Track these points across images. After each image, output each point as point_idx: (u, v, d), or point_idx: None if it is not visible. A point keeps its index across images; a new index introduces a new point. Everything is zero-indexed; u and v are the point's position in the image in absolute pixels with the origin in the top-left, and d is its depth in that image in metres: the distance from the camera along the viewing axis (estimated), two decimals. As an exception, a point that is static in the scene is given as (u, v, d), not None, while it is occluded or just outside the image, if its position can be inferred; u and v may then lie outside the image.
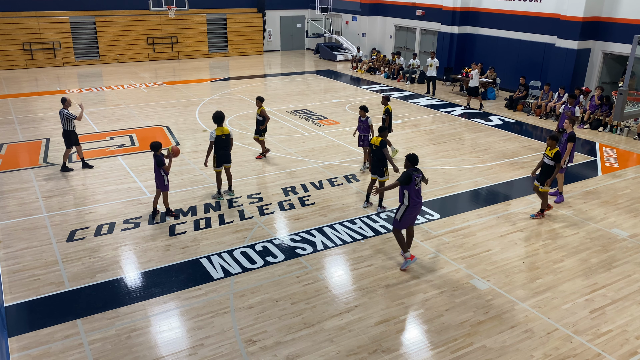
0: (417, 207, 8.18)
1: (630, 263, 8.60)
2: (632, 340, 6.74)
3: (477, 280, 8.04)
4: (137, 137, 14.96)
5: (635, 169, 12.99)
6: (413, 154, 8.12)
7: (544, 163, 9.82)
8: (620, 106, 10.01)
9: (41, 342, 6.59)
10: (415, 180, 8.00)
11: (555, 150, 9.55)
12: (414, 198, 8.02)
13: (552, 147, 9.59)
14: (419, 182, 8.10)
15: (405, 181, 7.90)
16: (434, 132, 15.82)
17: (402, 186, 7.97)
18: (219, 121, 10.45)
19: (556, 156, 9.53)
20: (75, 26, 26.39)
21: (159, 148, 9.71)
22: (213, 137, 10.39)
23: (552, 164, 9.61)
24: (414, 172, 8.01)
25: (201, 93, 20.75)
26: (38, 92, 20.60)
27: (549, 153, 9.62)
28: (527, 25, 20.42)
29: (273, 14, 31.93)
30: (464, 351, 6.49)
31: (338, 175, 12.22)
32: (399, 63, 24.63)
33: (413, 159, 8.07)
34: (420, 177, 8.15)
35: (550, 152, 9.61)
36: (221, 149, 10.49)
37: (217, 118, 10.47)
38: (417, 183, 8.06)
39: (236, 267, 8.34)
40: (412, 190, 7.97)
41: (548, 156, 9.66)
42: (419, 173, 8.14)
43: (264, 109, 12.66)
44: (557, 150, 9.53)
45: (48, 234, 9.32)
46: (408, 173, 7.96)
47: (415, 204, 8.09)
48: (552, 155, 9.58)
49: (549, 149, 9.65)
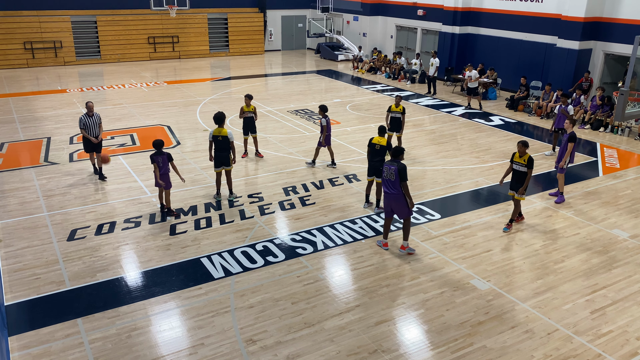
0: (386, 198, 8.62)
1: (631, 264, 8.59)
2: (632, 341, 6.73)
3: (477, 280, 8.04)
4: (137, 136, 14.97)
5: (636, 170, 12.98)
6: (396, 147, 8.67)
7: (515, 170, 9.41)
8: (622, 107, 9.99)
9: (42, 341, 6.60)
10: (384, 170, 8.55)
11: (527, 156, 9.16)
12: (383, 187, 8.65)
13: (522, 154, 9.19)
14: (387, 173, 8.46)
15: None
16: (435, 132, 15.81)
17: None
18: (219, 122, 10.47)
19: (529, 162, 9.13)
20: (77, 25, 26.40)
21: (162, 145, 9.84)
22: (210, 137, 10.51)
23: (524, 170, 9.22)
24: (387, 162, 8.61)
25: (202, 92, 20.75)
26: (39, 91, 20.61)
27: (520, 160, 9.24)
28: (528, 26, 20.41)
29: (274, 13, 31.93)
30: (464, 351, 6.49)
31: (339, 175, 12.22)
32: (400, 63, 24.62)
33: (393, 151, 8.58)
34: (394, 170, 8.29)
35: (521, 158, 9.22)
36: (218, 150, 10.48)
37: (217, 119, 10.49)
38: (386, 174, 8.50)
39: (237, 266, 8.34)
40: (382, 179, 8.67)
41: (520, 163, 9.26)
42: (393, 165, 8.36)
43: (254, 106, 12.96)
44: (529, 156, 9.16)
45: (49, 233, 9.33)
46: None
47: (384, 193, 8.63)
48: (524, 162, 9.18)
49: (518, 155, 9.26)
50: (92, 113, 11.46)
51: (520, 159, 9.24)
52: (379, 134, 10.11)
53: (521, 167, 9.25)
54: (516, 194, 9.45)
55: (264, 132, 15.46)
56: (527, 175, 9.20)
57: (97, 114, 11.62)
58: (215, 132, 10.39)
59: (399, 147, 8.67)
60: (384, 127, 10.18)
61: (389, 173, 8.41)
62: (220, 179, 10.77)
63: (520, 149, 9.19)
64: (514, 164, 9.42)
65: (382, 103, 19.48)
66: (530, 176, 9.29)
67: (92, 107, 11.50)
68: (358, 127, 16.03)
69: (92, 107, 11.51)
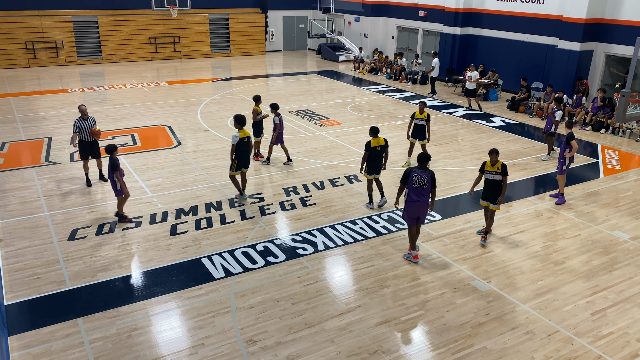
0: (415, 206, 8.30)
1: (632, 265, 8.59)
2: (633, 342, 6.73)
3: (478, 281, 8.04)
4: (139, 136, 14.97)
5: (637, 171, 12.97)
6: (422, 154, 8.44)
7: (488, 180, 8.96)
8: (623, 108, 9.99)
9: (42, 340, 6.60)
10: (414, 178, 8.17)
11: (500, 163, 8.73)
12: (411, 195, 8.26)
13: (494, 162, 8.76)
14: (418, 181, 8.16)
15: (402, 179, 8.35)
16: (436, 133, 15.81)
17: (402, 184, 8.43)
18: (242, 123, 10.33)
19: (503, 169, 8.72)
20: (78, 25, 26.41)
21: (114, 151, 9.39)
22: (236, 140, 10.20)
23: (498, 179, 8.78)
24: (416, 170, 8.23)
25: (203, 93, 20.76)
26: (40, 91, 20.63)
27: (494, 168, 8.79)
28: (529, 27, 20.40)
29: (275, 14, 31.94)
30: (464, 352, 6.48)
31: (339, 175, 12.22)
32: (401, 64, 24.62)
33: (420, 159, 8.33)
34: (427, 178, 8.13)
35: (494, 167, 8.79)
36: (242, 153, 10.38)
37: (241, 120, 10.33)
38: (417, 182, 8.17)
39: (237, 267, 8.34)
40: (410, 187, 8.25)
41: (493, 172, 8.81)
42: (425, 173, 8.16)
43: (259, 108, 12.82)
44: (502, 163, 8.74)
45: (49, 233, 9.33)
46: (407, 171, 8.30)
47: (412, 201, 8.27)
48: (498, 170, 8.75)
49: (490, 163, 8.83)
50: (86, 116, 11.11)
51: (494, 167, 8.81)
52: (374, 135, 10.01)
53: (495, 175, 8.81)
54: (491, 204, 9.02)
55: (265, 132, 15.45)
56: (503, 183, 8.80)
57: (92, 117, 11.27)
58: (242, 135, 10.24)
59: (426, 154, 8.53)
60: (376, 128, 10.06)
61: (422, 181, 8.15)
62: (237, 180, 10.74)
63: (493, 158, 8.75)
64: (485, 173, 8.96)
65: (382, 104, 19.48)
66: (506, 184, 8.84)
67: (85, 110, 11.14)
68: (359, 128, 16.03)
69: (85, 110, 11.15)
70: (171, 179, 11.88)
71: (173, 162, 12.92)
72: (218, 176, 12.03)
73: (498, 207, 9.03)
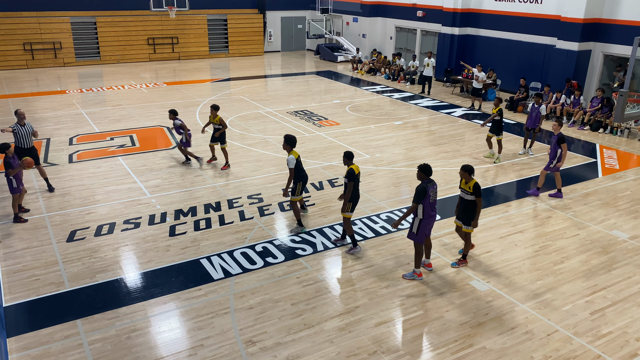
0: (432, 221, 7.78)
1: (631, 265, 8.60)
2: (632, 342, 6.73)
3: (477, 281, 8.04)
4: (137, 137, 14.96)
5: (635, 171, 12.98)
6: (426, 165, 7.62)
7: (462, 199, 8.21)
8: (621, 108, 10.01)
9: (41, 342, 6.59)
10: (430, 193, 7.58)
11: (473, 182, 7.93)
12: (428, 211, 7.63)
13: (467, 180, 7.98)
14: (434, 194, 7.67)
15: (419, 198, 7.50)
16: (435, 133, 15.82)
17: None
18: (292, 144, 9.15)
19: (475, 189, 7.91)
20: (76, 26, 26.39)
21: (6, 149, 9.32)
22: (293, 164, 9.00)
23: (471, 199, 8.00)
24: (428, 184, 7.60)
25: (202, 94, 20.75)
26: (39, 92, 20.60)
27: (466, 187, 8.01)
28: (527, 27, 20.42)
29: (274, 14, 31.94)
30: (464, 352, 6.49)
31: (338, 176, 12.22)
32: (399, 64, 24.64)
33: (426, 170, 7.58)
34: (436, 188, 7.74)
35: (466, 185, 8.00)
36: (302, 171, 9.36)
37: (291, 141, 9.15)
38: (432, 196, 7.63)
39: (236, 267, 8.34)
40: (426, 204, 7.57)
41: (465, 190, 8.03)
42: (434, 185, 7.68)
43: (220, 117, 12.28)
44: (475, 183, 7.93)
45: (48, 234, 9.32)
46: (423, 187, 7.53)
47: (430, 217, 7.70)
48: (470, 189, 7.96)
49: (464, 182, 8.03)
50: (23, 122, 10.63)
51: (466, 185, 8.01)
52: (350, 161, 8.53)
53: (467, 195, 8.03)
54: (464, 226, 8.27)
55: (264, 133, 15.48)
56: (477, 205, 7.99)
57: (29, 123, 10.85)
58: (295, 155, 9.11)
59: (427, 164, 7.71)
60: (351, 153, 8.56)
61: (435, 194, 7.70)
62: (297, 207, 9.55)
63: (463, 175, 7.98)
64: (461, 190, 8.19)
65: (381, 104, 19.49)
66: (481, 206, 8.04)
67: (23, 115, 10.66)
68: (357, 129, 16.03)
69: (23, 114, 10.67)
70: (170, 179, 11.87)
71: (172, 163, 12.91)
72: (217, 177, 12.02)
73: (471, 230, 8.22)
